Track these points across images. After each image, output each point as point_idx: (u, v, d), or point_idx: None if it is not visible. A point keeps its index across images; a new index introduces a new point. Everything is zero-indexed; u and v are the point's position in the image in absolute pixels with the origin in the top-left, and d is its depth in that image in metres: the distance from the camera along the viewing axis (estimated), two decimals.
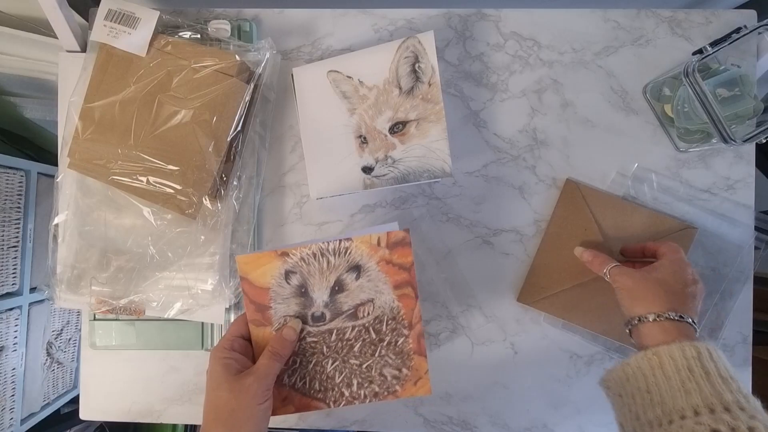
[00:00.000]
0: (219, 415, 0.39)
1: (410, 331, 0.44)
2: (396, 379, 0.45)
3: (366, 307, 0.44)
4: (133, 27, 0.52)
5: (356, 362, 0.45)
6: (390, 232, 0.43)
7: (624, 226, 0.56)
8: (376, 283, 0.44)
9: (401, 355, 0.44)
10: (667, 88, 0.56)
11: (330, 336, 0.44)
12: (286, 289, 0.44)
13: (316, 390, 0.45)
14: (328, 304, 0.44)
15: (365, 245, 0.43)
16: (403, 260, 0.43)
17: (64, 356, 1.00)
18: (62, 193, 0.55)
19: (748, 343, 0.58)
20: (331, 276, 0.43)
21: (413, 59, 0.53)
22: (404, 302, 0.44)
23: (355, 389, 0.45)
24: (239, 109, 0.53)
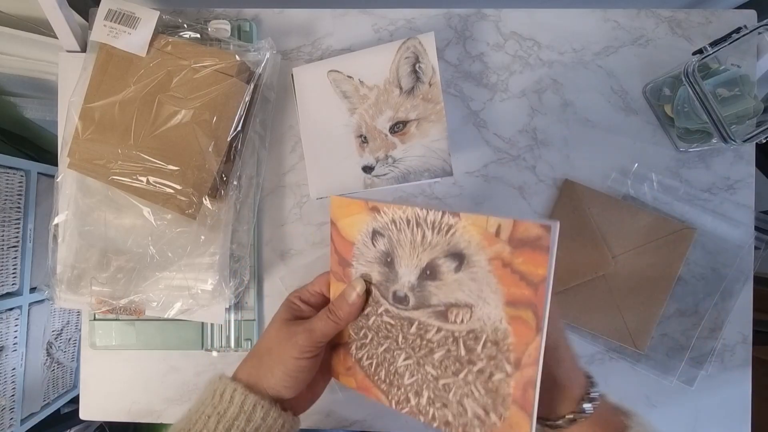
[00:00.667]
0: (259, 350, 0.38)
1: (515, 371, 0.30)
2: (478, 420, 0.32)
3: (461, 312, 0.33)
4: (133, 27, 0.52)
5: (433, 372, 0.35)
6: (520, 223, 0.29)
7: (623, 226, 0.56)
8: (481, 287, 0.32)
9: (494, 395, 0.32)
10: (667, 88, 0.56)
11: (410, 327, 0.35)
12: (371, 251, 0.36)
13: (381, 379, 0.37)
14: (414, 287, 0.35)
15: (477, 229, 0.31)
16: (531, 269, 0.29)
17: (64, 356, 1.00)
18: (62, 193, 0.55)
19: (748, 343, 0.58)
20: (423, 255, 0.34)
21: (414, 59, 0.53)
22: (516, 329, 0.30)
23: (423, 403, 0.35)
24: (239, 109, 0.53)
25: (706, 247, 0.57)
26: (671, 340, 0.58)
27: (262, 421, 0.36)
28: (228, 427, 0.35)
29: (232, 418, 0.35)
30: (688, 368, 0.57)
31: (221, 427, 0.35)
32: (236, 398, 0.36)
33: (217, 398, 0.36)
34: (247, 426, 0.35)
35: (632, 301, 0.56)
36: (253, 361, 0.38)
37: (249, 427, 0.35)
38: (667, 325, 0.58)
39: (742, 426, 0.58)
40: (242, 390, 0.36)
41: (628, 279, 0.56)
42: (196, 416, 0.36)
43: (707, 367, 0.57)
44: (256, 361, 0.38)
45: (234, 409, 0.36)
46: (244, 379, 0.37)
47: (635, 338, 0.56)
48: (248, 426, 0.35)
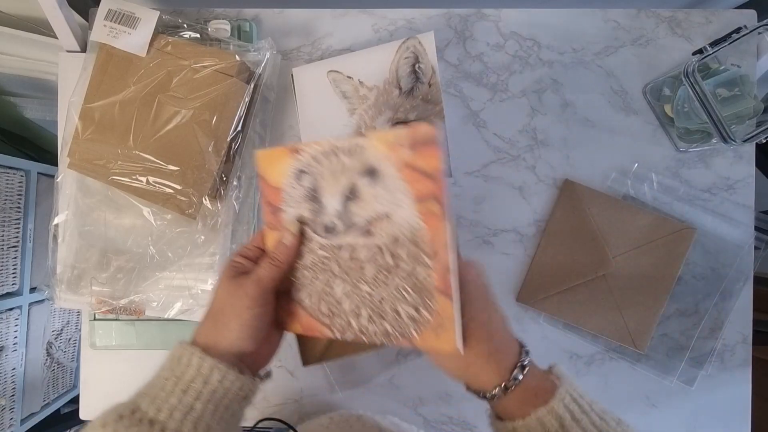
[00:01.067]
0: (211, 311, 0.39)
1: (434, 262, 0.34)
2: (412, 321, 0.35)
3: (382, 223, 0.35)
4: (133, 27, 0.52)
5: (367, 290, 0.37)
6: (414, 128, 0.33)
7: (622, 226, 0.56)
8: (394, 193, 0.34)
9: (421, 291, 0.35)
10: (667, 88, 0.56)
11: (341, 252, 0.38)
12: (298, 190, 0.38)
13: (323, 313, 0.39)
14: (340, 214, 0.37)
15: (382, 143, 0.34)
16: (429, 164, 0.33)
17: (64, 356, 1.00)
18: (62, 193, 0.55)
19: (748, 343, 0.58)
20: (343, 179, 0.36)
21: (413, 60, 0.53)
22: (429, 222, 0.34)
23: (364, 322, 0.38)
24: (239, 109, 0.53)
25: (706, 247, 0.57)
26: (671, 340, 0.58)
27: (219, 384, 0.36)
28: (185, 388, 0.35)
29: (189, 381, 0.36)
30: (688, 368, 0.57)
31: (178, 389, 0.35)
32: (194, 361, 0.36)
33: (175, 362, 0.37)
34: (203, 388, 0.36)
35: (632, 301, 0.56)
36: (208, 323, 0.39)
37: (206, 389, 0.36)
38: (667, 325, 0.58)
39: (742, 426, 0.58)
40: (199, 353, 0.36)
41: (629, 279, 0.56)
42: (154, 380, 0.37)
43: (707, 367, 0.57)
44: (211, 322, 0.39)
45: (191, 371, 0.36)
46: (201, 342, 0.38)
47: (635, 338, 0.56)
48: (205, 388, 0.36)
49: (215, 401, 0.36)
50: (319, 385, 0.60)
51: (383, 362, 0.60)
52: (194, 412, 0.35)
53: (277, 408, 0.60)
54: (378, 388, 0.60)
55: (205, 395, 0.36)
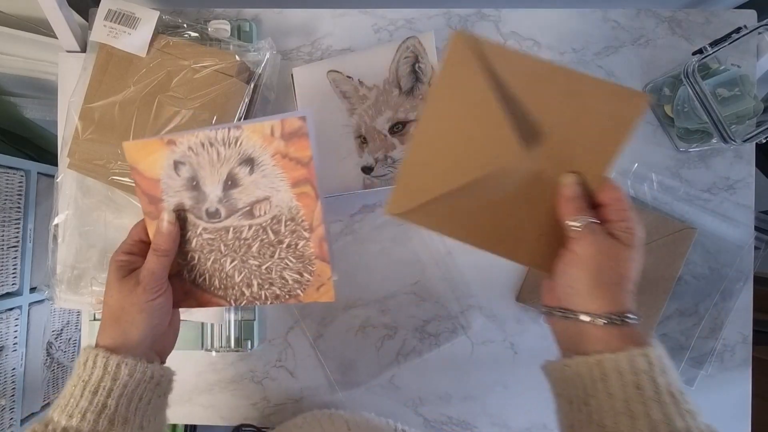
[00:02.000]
0: (111, 314, 0.39)
1: (311, 234, 0.40)
2: (297, 284, 0.42)
3: (262, 206, 0.40)
4: (133, 27, 0.52)
5: (255, 263, 0.41)
6: (285, 121, 0.37)
7: None
8: (271, 180, 0.39)
9: (302, 259, 0.41)
10: (667, 88, 0.56)
11: (227, 234, 0.41)
12: (177, 180, 0.40)
13: (217, 287, 0.43)
14: (222, 200, 0.40)
15: (257, 135, 0.38)
16: (301, 154, 0.37)
17: (64, 356, 1.00)
18: (62, 193, 0.55)
19: (748, 343, 0.58)
20: (222, 169, 0.39)
21: (413, 59, 0.53)
22: (304, 202, 0.39)
23: (255, 290, 0.42)
24: (239, 109, 0.53)
25: (706, 247, 0.57)
26: (671, 340, 0.58)
27: (128, 377, 0.37)
28: (94, 389, 0.36)
29: (97, 381, 0.36)
30: (688, 368, 0.57)
31: (87, 392, 0.36)
32: (98, 362, 0.37)
33: (81, 368, 0.37)
34: (113, 385, 0.36)
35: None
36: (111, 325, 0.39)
37: (116, 386, 0.36)
38: (667, 325, 0.58)
39: (742, 426, 0.58)
40: (103, 353, 0.37)
41: None
42: (65, 390, 0.37)
43: (707, 367, 0.57)
44: (113, 323, 0.39)
45: (98, 372, 0.36)
46: (106, 344, 0.38)
47: None
48: (115, 384, 0.36)
49: (128, 395, 0.37)
50: (319, 385, 0.60)
51: (383, 362, 0.60)
52: (108, 409, 0.36)
53: (277, 408, 0.60)
54: (378, 388, 0.60)
55: (116, 391, 0.36)
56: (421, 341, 0.59)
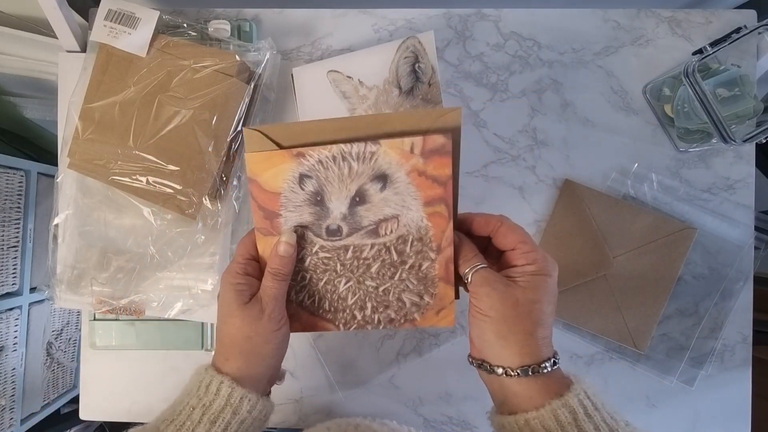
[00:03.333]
0: (235, 342, 0.37)
1: (438, 255, 0.38)
2: (416, 307, 0.39)
3: (389, 224, 0.38)
4: (133, 27, 0.52)
5: (372, 284, 0.39)
6: (427, 138, 0.35)
7: (622, 226, 0.56)
8: (403, 197, 0.37)
9: (424, 281, 0.39)
10: (667, 88, 0.56)
11: (345, 253, 0.39)
12: (300, 195, 0.38)
13: (326, 310, 0.40)
14: (346, 217, 0.38)
15: (395, 151, 0.36)
16: (440, 172, 0.36)
17: (64, 356, 1.00)
18: (62, 193, 0.55)
19: (748, 343, 0.58)
20: (352, 185, 0.37)
21: (413, 59, 0.53)
22: (435, 222, 0.37)
23: (368, 313, 0.40)
24: (239, 109, 0.53)
25: (706, 247, 0.57)
26: (671, 340, 0.58)
27: (248, 414, 0.36)
28: (213, 419, 0.35)
29: (218, 410, 0.35)
30: (688, 368, 0.57)
31: (206, 419, 0.35)
32: (222, 391, 0.36)
33: (203, 390, 0.36)
34: (232, 419, 0.35)
35: (632, 301, 0.56)
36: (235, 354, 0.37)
37: (234, 420, 0.35)
38: (667, 325, 0.58)
39: (742, 426, 0.58)
40: (229, 383, 0.36)
41: (629, 279, 0.56)
42: (180, 407, 0.36)
43: (707, 367, 0.57)
44: (237, 352, 0.37)
45: (220, 401, 0.35)
46: (232, 373, 0.37)
47: (635, 338, 0.56)
48: (234, 419, 0.35)
49: (242, 431, 0.36)
50: (319, 385, 0.60)
51: (383, 362, 0.60)
52: None
53: (278, 408, 0.60)
54: (378, 388, 0.60)
55: (233, 426, 0.35)
56: (421, 341, 0.60)
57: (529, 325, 0.34)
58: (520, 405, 0.34)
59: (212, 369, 0.37)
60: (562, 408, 0.32)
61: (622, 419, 0.33)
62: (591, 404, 0.32)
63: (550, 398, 0.32)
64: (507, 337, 0.34)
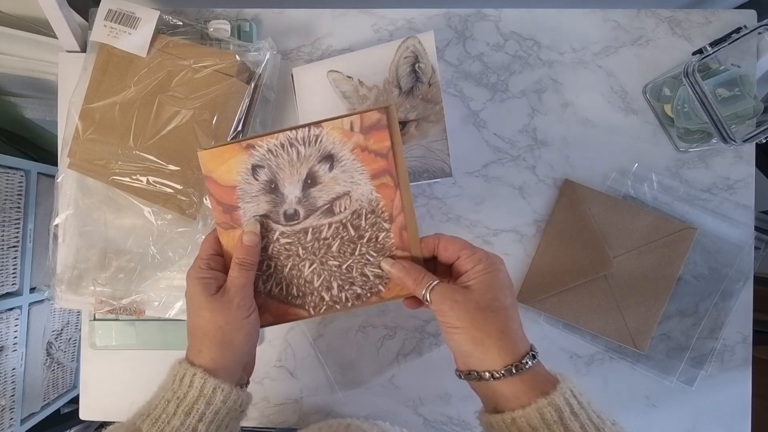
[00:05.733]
0: (206, 333, 0.38)
1: (391, 225, 0.40)
2: (379, 279, 0.41)
3: (342, 202, 0.40)
4: (133, 27, 0.52)
5: (335, 263, 0.41)
6: (363, 114, 0.38)
7: (622, 226, 0.56)
8: (351, 174, 0.39)
9: (383, 251, 0.40)
10: (667, 88, 0.56)
11: (305, 236, 0.40)
12: (254, 185, 0.40)
13: (294, 296, 0.42)
14: (301, 200, 0.40)
15: (337, 131, 0.38)
16: (380, 145, 0.38)
17: (64, 356, 1.00)
18: (62, 193, 0.55)
19: (748, 343, 0.58)
20: (302, 168, 0.39)
21: (413, 59, 0.53)
22: (383, 193, 0.39)
23: (335, 292, 0.41)
24: (239, 109, 0.53)
25: (706, 247, 0.57)
26: (671, 340, 0.58)
27: (222, 404, 0.36)
28: (187, 410, 0.36)
29: (192, 402, 0.36)
30: (688, 368, 0.57)
31: (180, 411, 0.35)
32: (196, 382, 0.36)
33: (176, 383, 0.37)
34: (207, 409, 0.36)
35: (632, 301, 0.56)
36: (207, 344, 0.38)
37: (209, 410, 0.36)
38: (667, 325, 0.58)
39: (742, 426, 0.58)
40: (202, 374, 0.36)
41: (629, 279, 0.56)
42: (156, 401, 0.37)
43: (707, 367, 0.57)
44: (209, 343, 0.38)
45: (193, 392, 0.36)
46: (205, 364, 0.37)
47: (635, 338, 0.56)
48: (208, 409, 0.36)
49: (217, 421, 0.36)
50: (319, 385, 0.60)
51: (383, 362, 0.60)
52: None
53: (278, 408, 0.60)
54: (378, 388, 0.60)
55: (208, 416, 0.36)
56: (421, 341, 0.60)
57: (498, 323, 0.35)
58: (508, 405, 0.34)
59: (185, 362, 0.38)
60: (548, 407, 0.32)
61: (608, 418, 0.33)
62: (577, 403, 0.33)
63: (537, 397, 0.33)
64: (483, 341, 0.35)
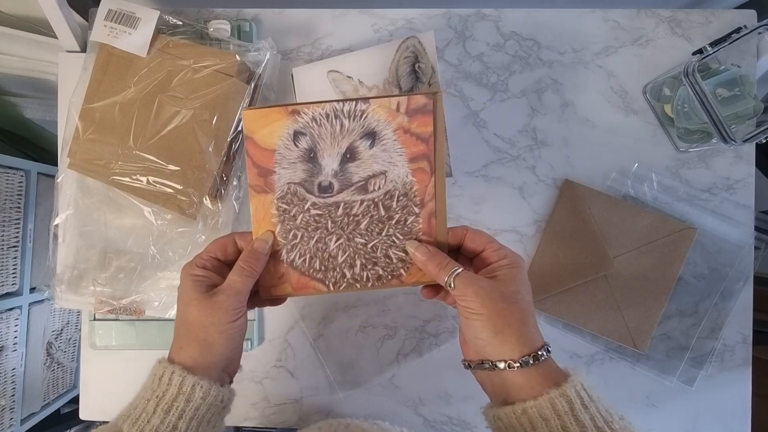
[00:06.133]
0: (190, 330, 0.38)
1: (422, 210, 0.40)
2: (402, 262, 0.41)
3: (377, 180, 0.40)
4: (133, 27, 0.52)
5: (361, 241, 0.41)
6: (411, 97, 0.38)
7: (622, 226, 0.56)
8: (390, 154, 0.39)
9: (410, 235, 0.40)
10: (667, 88, 0.56)
11: (336, 210, 0.40)
12: (294, 152, 0.39)
13: (316, 269, 0.41)
14: (337, 174, 0.40)
15: (383, 109, 0.38)
16: (423, 129, 0.39)
17: (64, 356, 1.00)
18: (62, 193, 0.55)
19: (748, 343, 0.58)
20: (343, 141, 0.39)
21: (413, 59, 0.53)
22: (419, 177, 0.40)
23: (357, 271, 0.41)
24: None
25: (706, 247, 0.57)
26: (671, 340, 0.58)
27: (201, 401, 0.36)
28: (167, 408, 0.35)
29: (171, 400, 0.36)
30: (688, 368, 0.57)
31: (160, 409, 0.35)
32: (174, 380, 0.36)
33: (156, 382, 0.37)
34: (186, 406, 0.36)
35: (632, 301, 0.56)
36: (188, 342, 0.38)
37: (189, 407, 0.36)
38: (667, 325, 0.58)
39: (742, 426, 0.58)
40: (180, 371, 0.36)
41: (629, 279, 0.56)
42: (137, 401, 0.37)
43: (707, 367, 0.57)
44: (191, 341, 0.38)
45: (172, 390, 0.36)
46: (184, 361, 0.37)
47: (635, 338, 0.56)
48: (188, 406, 0.36)
49: (198, 418, 0.36)
50: (319, 385, 0.60)
51: (383, 362, 0.60)
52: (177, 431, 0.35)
53: (278, 408, 0.60)
54: (378, 388, 0.60)
55: (188, 413, 0.36)
56: (421, 341, 0.60)
57: (519, 314, 0.35)
58: (520, 395, 0.34)
59: (165, 361, 0.38)
60: (560, 398, 0.32)
61: (616, 413, 0.33)
62: (587, 396, 0.33)
63: (548, 388, 0.33)
64: (503, 330, 0.35)
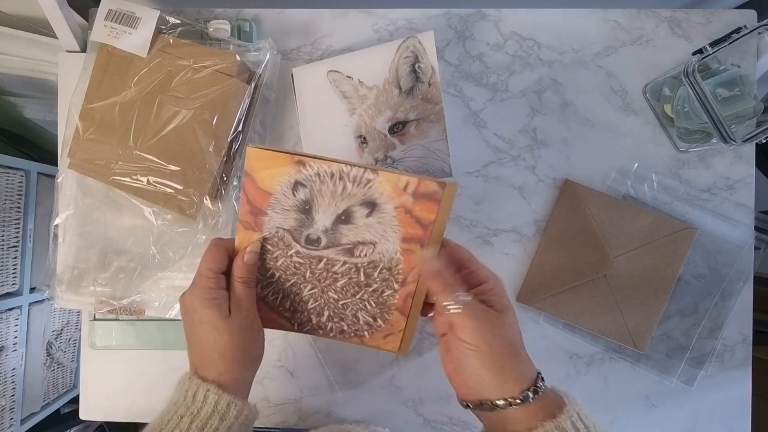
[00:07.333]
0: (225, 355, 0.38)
1: (401, 288, 0.41)
2: (368, 326, 0.42)
3: (365, 248, 0.40)
4: (133, 27, 0.52)
5: (334, 296, 0.42)
6: (422, 180, 0.37)
7: (622, 226, 0.56)
8: (385, 228, 0.39)
9: (383, 306, 0.41)
10: (667, 88, 0.56)
11: (318, 263, 0.41)
12: (290, 200, 0.40)
13: (286, 308, 0.43)
14: (327, 231, 0.40)
15: (390, 185, 0.38)
16: (424, 215, 0.38)
17: (64, 356, 1.00)
18: (62, 193, 0.55)
19: (748, 343, 0.58)
20: (341, 203, 0.39)
21: (413, 59, 0.53)
22: (407, 257, 0.40)
23: (323, 320, 0.43)
24: (239, 109, 0.53)
25: (706, 247, 0.57)
26: (671, 340, 0.58)
27: (235, 419, 0.37)
28: (201, 426, 0.36)
29: (206, 418, 0.36)
30: (688, 368, 0.57)
31: (194, 426, 0.36)
32: (210, 398, 0.36)
33: (189, 398, 0.37)
34: (220, 425, 0.36)
35: (632, 301, 0.56)
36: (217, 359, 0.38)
37: (222, 426, 0.36)
38: (667, 325, 0.58)
39: (742, 426, 0.58)
40: (215, 389, 0.37)
41: (629, 279, 0.56)
42: (168, 416, 0.37)
43: (707, 367, 0.57)
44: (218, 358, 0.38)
45: (207, 408, 0.36)
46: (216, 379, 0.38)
47: (635, 338, 0.56)
48: (222, 425, 0.36)
49: None
50: (319, 385, 0.60)
51: (383, 362, 0.60)
52: None
53: (278, 408, 0.60)
54: (378, 388, 0.60)
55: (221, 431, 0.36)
56: (421, 341, 0.60)
57: (514, 348, 0.35)
58: (517, 430, 0.34)
59: (197, 378, 0.38)
60: (555, 430, 0.32)
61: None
62: (583, 426, 0.33)
63: (544, 420, 0.33)
64: (503, 368, 0.34)
